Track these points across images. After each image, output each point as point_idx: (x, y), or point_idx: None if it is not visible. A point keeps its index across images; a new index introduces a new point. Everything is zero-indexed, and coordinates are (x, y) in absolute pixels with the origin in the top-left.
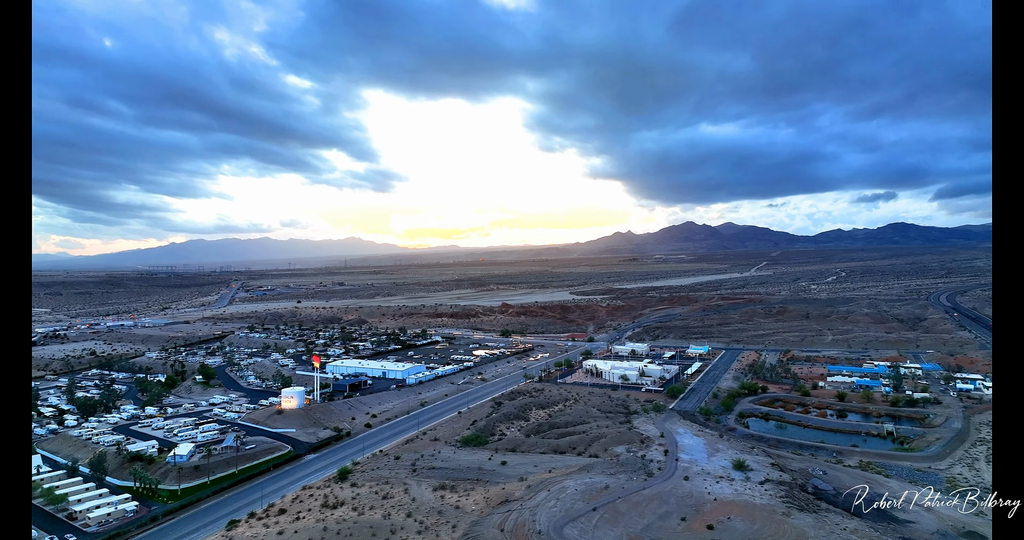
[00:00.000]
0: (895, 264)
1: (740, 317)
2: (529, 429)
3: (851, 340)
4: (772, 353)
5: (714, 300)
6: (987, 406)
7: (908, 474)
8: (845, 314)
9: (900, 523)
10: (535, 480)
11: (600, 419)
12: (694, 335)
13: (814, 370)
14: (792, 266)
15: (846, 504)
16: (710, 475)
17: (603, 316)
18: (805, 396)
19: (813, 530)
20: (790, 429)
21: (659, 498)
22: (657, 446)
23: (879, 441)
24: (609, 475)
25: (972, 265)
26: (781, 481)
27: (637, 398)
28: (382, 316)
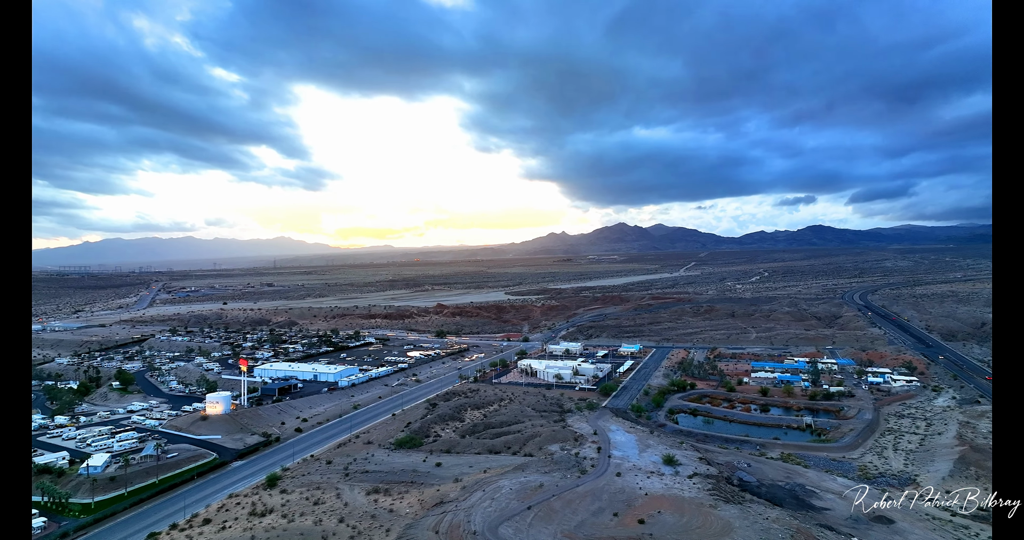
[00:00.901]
0: (813, 265)
1: (670, 316)
2: (464, 430)
3: (773, 337)
4: (700, 351)
5: (645, 300)
6: (895, 398)
7: (825, 464)
8: (768, 313)
9: (817, 510)
10: (470, 481)
11: (535, 418)
12: (626, 334)
13: (739, 367)
14: (719, 266)
15: (769, 494)
16: (641, 471)
17: (538, 316)
18: (731, 392)
19: (738, 521)
20: (717, 424)
21: (592, 495)
22: (591, 444)
23: (799, 433)
24: (544, 473)
25: (882, 266)
26: (708, 474)
27: (571, 397)
28: (313, 318)
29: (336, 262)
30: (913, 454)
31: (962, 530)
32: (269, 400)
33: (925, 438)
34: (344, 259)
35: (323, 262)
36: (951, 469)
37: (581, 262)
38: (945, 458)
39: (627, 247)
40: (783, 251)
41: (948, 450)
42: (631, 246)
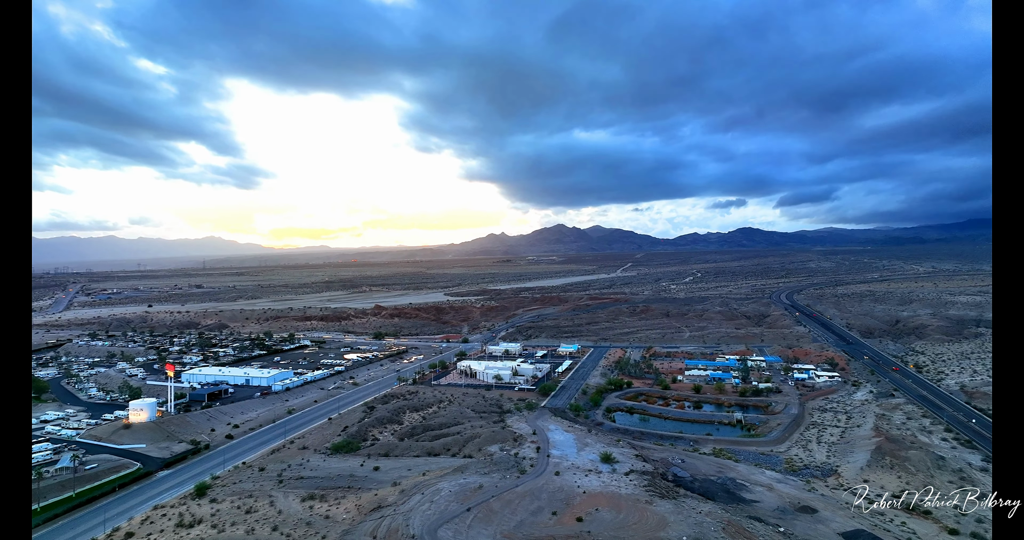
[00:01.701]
0: (743, 265)
1: (607, 316)
2: (403, 433)
3: (706, 336)
4: (636, 350)
5: (583, 300)
6: (818, 393)
7: (754, 458)
8: (701, 312)
9: (747, 503)
10: (409, 484)
11: (474, 419)
12: (565, 334)
13: (674, 365)
14: (654, 267)
15: (702, 489)
16: (580, 469)
17: (477, 317)
18: (666, 390)
19: (673, 515)
20: (652, 421)
21: (531, 494)
22: (530, 443)
23: (730, 429)
24: (483, 475)
25: (806, 266)
26: (644, 471)
27: (511, 397)
28: (245, 320)
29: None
30: (835, 446)
31: (878, 517)
32: (198, 406)
33: (845, 430)
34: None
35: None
36: (868, 459)
37: (520, 263)
38: (863, 449)
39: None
40: (715, 252)
41: (866, 441)
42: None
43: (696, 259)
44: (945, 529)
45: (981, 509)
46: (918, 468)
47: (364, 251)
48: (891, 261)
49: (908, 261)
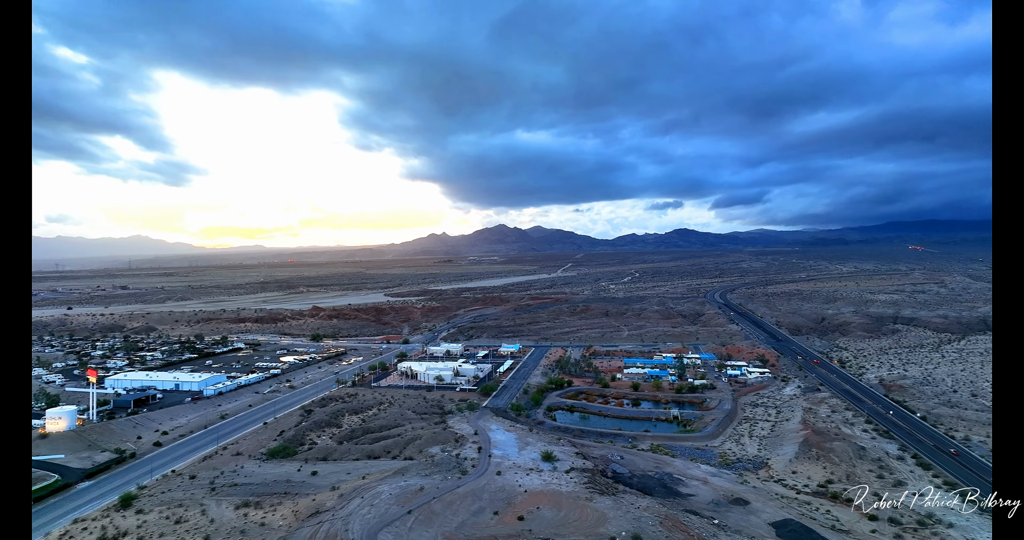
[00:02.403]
0: (679, 265)
1: (548, 316)
2: (342, 436)
3: (644, 335)
4: (576, 349)
5: (524, 300)
6: (750, 388)
7: (690, 453)
8: (639, 311)
9: (683, 497)
10: (348, 488)
11: (415, 421)
12: (506, 334)
13: (613, 363)
14: (594, 267)
15: (640, 484)
16: (521, 468)
17: (418, 317)
18: (605, 388)
19: (612, 511)
20: (592, 419)
21: (473, 495)
22: (471, 444)
23: (667, 425)
24: (424, 476)
25: (739, 267)
26: (584, 468)
27: (452, 398)
28: (175, 322)
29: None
30: (765, 439)
31: (805, 506)
32: (123, 413)
33: (775, 424)
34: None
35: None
36: (796, 451)
37: (462, 263)
38: (792, 442)
39: (507, 248)
40: (652, 253)
41: (794, 434)
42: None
43: (634, 259)
44: (866, 516)
45: (896, 496)
46: (841, 458)
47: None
48: (817, 261)
49: (833, 261)
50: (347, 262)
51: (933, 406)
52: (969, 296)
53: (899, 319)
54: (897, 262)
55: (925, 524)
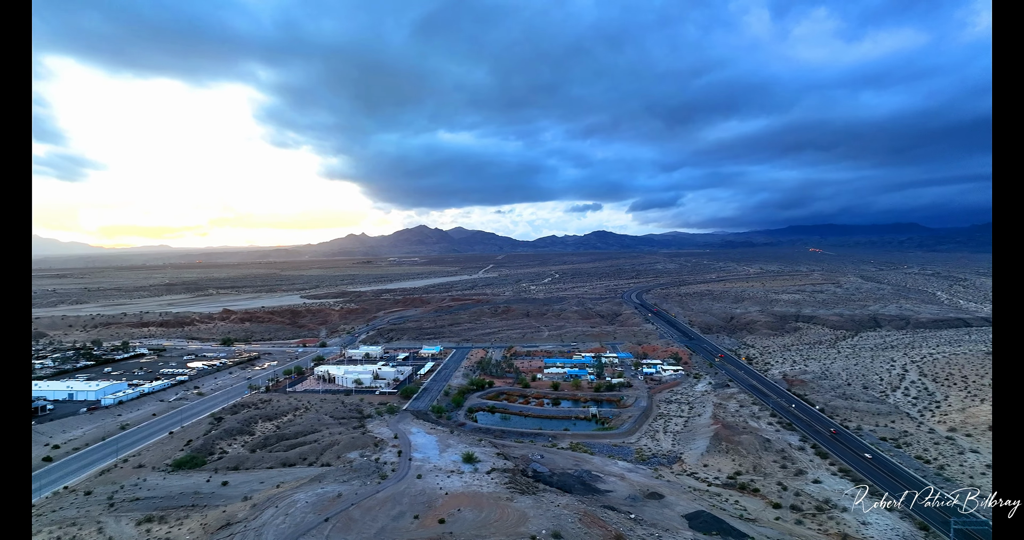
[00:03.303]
0: (598, 267)
1: (469, 317)
2: (255, 444)
3: (564, 335)
4: (498, 350)
5: (446, 301)
6: (665, 386)
7: (608, 450)
8: (559, 312)
9: (602, 493)
10: (261, 498)
11: (333, 426)
12: (427, 336)
13: (533, 363)
14: (515, 269)
15: (560, 483)
16: (442, 471)
17: (336, 320)
18: (526, 388)
19: (532, 510)
20: (513, 419)
21: (393, 499)
22: (391, 448)
23: (586, 423)
24: (342, 483)
25: (654, 268)
26: (505, 469)
27: (371, 401)
28: (68, 327)
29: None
30: (679, 435)
31: (716, 497)
32: None
33: (688, 420)
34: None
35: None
36: (708, 445)
37: (382, 264)
38: (703, 436)
39: (428, 249)
40: (572, 254)
41: (706, 429)
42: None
43: (555, 261)
44: (771, 504)
45: (797, 484)
46: (749, 451)
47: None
48: (727, 263)
49: (740, 263)
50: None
51: (830, 399)
52: (861, 295)
53: (800, 317)
54: (799, 264)
55: (823, 509)
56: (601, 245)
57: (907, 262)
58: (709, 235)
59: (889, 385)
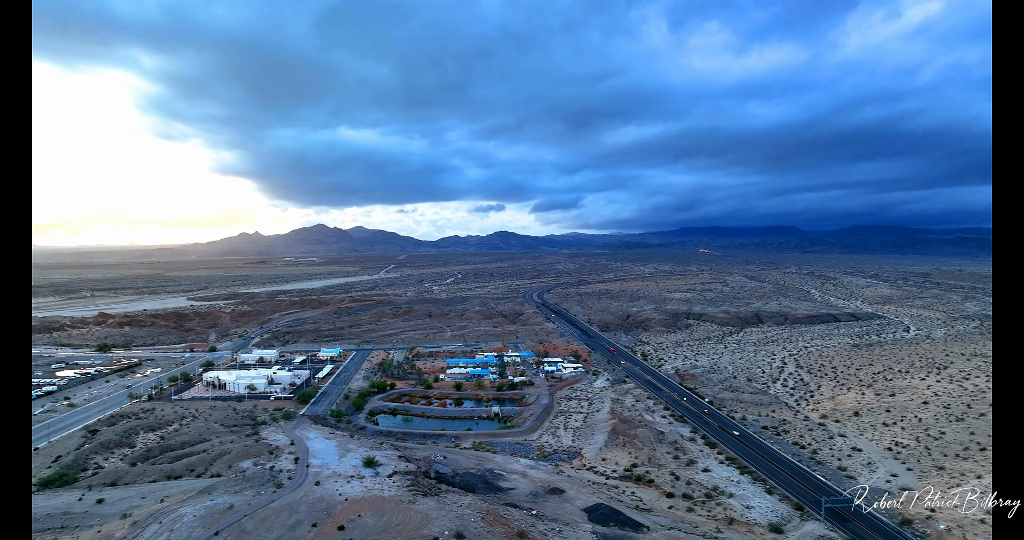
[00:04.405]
0: (500, 267)
1: (370, 318)
2: (136, 457)
3: (466, 335)
4: (400, 351)
5: (346, 302)
6: (565, 383)
7: (510, 448)
8: (461, 312)
9: (504, 491)
10: (143, 514)
11: (224, 434)
12: (326, 338)
13: (436, 364)
14: (417, 269)
15: (463, 483)
16: (341, 476)
17: (227, 323)
18: (428, 389)
19: (435, 512)
20: (416, 421)
21: (289, 508)
22: (287, 455)
23: (489, 422)
24: (234, 493)
25: (555, 268)
26: (407, 471)
27: (266, 407)
28: None
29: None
30: (579, 431)
31: (613, 490)
32: None
33: (587, 416)
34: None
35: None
36: (606, 440)
37: (277, 264)
38: (602, 431)
39: (327, 249)
40: (474, 254)
41: (604, 424)
42: (331, 248)
43: (457, 261)
44: (664, 494)
45: (688, 474)
46: (644, 444)
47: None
48: (623, 263)
49: (636, 263)
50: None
51: (718, 391)
52: (745, 294)
53: (691, 315)
54: (690, 264)
55: (712, 496)
56: (504, 245)
57: (786, 262)
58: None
59: (770, 377)
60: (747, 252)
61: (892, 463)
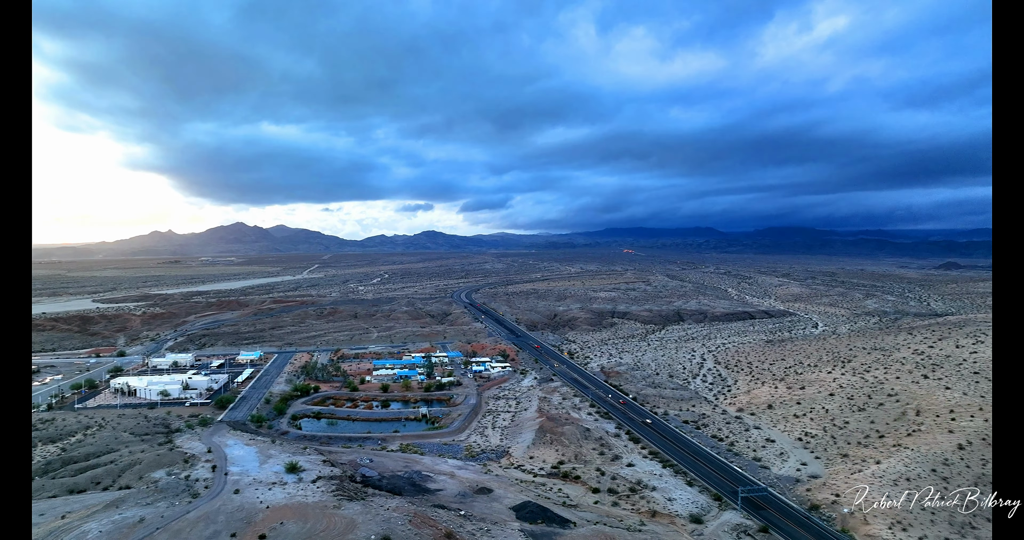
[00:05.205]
0: (428, 266)
1: (293, 320)
2: (34, 471)
3: (393, 336)
4: (324, 353)
5: (267, 304)
6: (493, 382)
7: (438, 449)
8: (388, 312)
9: (432, 493)
10: (41, 533)
11: (134, 444)
12: (245, 341)
13: (362, 366)
14: (342, 269)
15: (390, 485)
16: (263, 483)
17: (137, 326)
18: (354, 391)
19: (361, 516)
20: (341, 424)
21: (206, 519)
22: (204, 463)
23: (416, 424)
24: (145, 505)
25: (483, 268)
26: (332, 476)
27: (181, 414)
28: None
29: None
30: (507, 430)
31: (541, 487)
32: None
33: (515, 414)
34: None
35: None
36: (534, 438)
37: (193, 264)
38: (530, 429)
39: (246, 248)
40: (401, 254)
41: (532, 422)
42: (251, 247)
43: (384, 260)
44: (590, 489)
45: (613, 469)
46: (571, 441)
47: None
48: (550, 263)
49: (563, 263)
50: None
51: (641, 388)
52: (667, 292)
53: (616, 314)
54: (614, 264)
55: (635, 490)
56: (431, 245)
57: (705, 262)
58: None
59: (691, 373)
60: (669, 252)
61: (802, 452)
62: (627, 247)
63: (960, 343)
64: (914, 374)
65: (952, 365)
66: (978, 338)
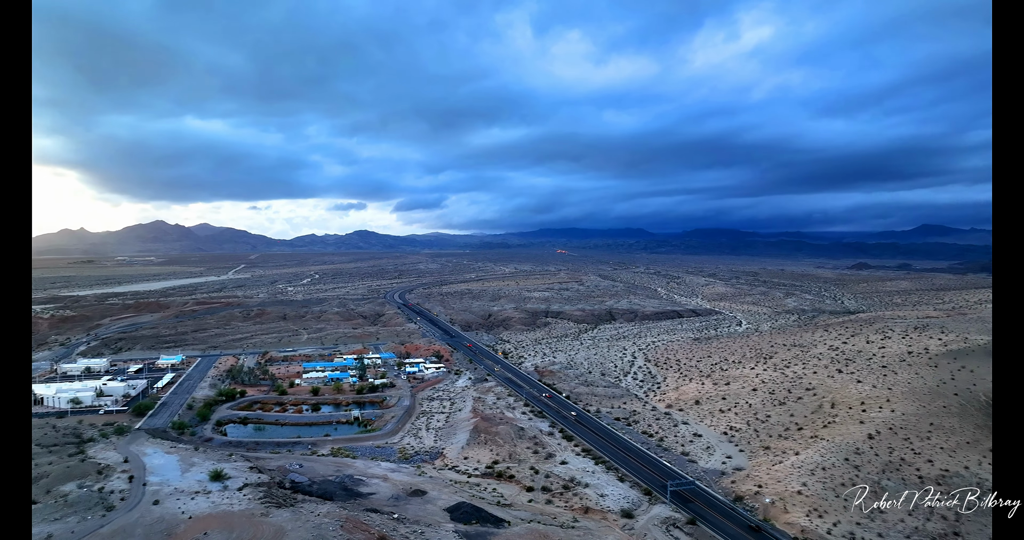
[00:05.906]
0: (360, 267)
1: (217, 322)
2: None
3: (324, 337)
4: (251, 356)
5: (189, 305)
6: (427, 383)
7: (371, 452)
8: (319, 313)
9: (364, 496)
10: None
11: (41, 456)
12: (166, 344)
13: (291, 369)
14: (270, 269)
15: (321, 491)
16: (184, 493)
17: (45, 330)
18: (283, 395)
19: (290, 523)
20: (269, 429)
21: (122, 532)
22: (120, 474)
23: (348, 427)
24: (54, 521)
25: (417, 268)
26: (260, 483)
27: (94, 423)
28: None
29: None
30: (441, 431)
31: (476, 488)
32: None
33: (450, 415)
34: None
35: None
36: (468, 438)
37: (108, 264)
38: (464, 430)
39: (167, 248)
40: (332, 254)
41: (466, 423)
42: (172, 247)
43: (314, 260)
44: (525, 488)
45: (547, 467)
46: (505, 440)
47: None
48: (485, 263)
49: (497, 263)
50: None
51: (575, 386)
52: (599, 292)
53: (550, 313)
54: (548, 264)
55: (569, 487)
56: (364, 245)
57: (636, 262)
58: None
59: (622, 371)
60: (601, 253)
61: (727, 446)
62: (560, 247)
63: (870, 339)
64: (829, 369)
65: (863, 360)
66: (886, 334)
